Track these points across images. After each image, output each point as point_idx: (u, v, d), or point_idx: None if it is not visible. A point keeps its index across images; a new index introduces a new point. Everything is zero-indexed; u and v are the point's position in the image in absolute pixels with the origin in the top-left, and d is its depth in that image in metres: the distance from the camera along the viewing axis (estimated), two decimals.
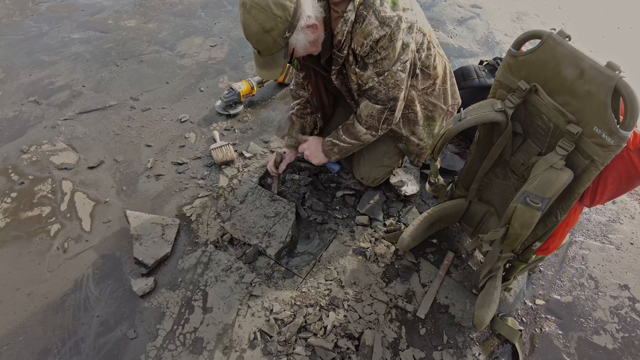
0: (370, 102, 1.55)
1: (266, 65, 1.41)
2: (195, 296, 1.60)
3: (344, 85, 1.61)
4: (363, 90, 1.54)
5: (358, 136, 1.65)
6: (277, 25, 1.27)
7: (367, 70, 1.46)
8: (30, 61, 2.81)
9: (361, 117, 1.60)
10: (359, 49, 1.41)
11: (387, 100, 1.52)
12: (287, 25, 1.28)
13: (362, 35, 1.36)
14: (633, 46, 3.30)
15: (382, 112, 1.56)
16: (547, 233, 1.35)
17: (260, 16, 1.25)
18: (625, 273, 1.79)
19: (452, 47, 3.14)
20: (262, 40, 1.31)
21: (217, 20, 3.30)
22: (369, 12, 1.34)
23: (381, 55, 1.41)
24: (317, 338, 1.48)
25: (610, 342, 1.57)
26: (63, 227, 1.84)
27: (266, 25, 1.27)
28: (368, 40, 1.37)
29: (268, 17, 1.25)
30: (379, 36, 1.35)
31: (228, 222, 1.82)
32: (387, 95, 1.51)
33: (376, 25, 1.34)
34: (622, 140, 1.03)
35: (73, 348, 1.47)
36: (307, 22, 1.34)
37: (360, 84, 1.52)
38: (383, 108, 1.55)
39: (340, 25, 1.38)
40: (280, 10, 1.26)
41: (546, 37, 1.17)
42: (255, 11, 1.25)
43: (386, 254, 1.77)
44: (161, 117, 2.41)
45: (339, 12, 1.37)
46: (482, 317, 1.40)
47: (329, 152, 1.74)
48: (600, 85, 1.04)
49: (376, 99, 1.53)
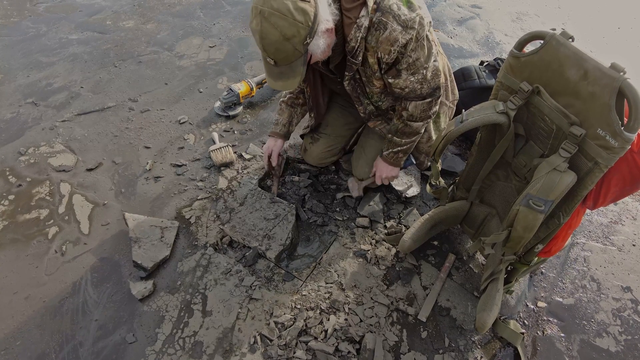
0: (419, 101, 1.54)
1: (283, 75, 1.32)
2: (195, 299, 1.59)
3: (355, 90, 1.60)
4: (404, 95, 1.53)
5: (417, 131, 1.65)
6: (299, 31, 1.20)
7: (402, 76, 1.45)
8: (28, 62, 2.79)
9: (414, 116, 1.59)
10: (386, 57, 1.38)
11: (433, 91, 1.53)
12: (308, 30, 1.22)
13: (388, 43, 1.34)
14: (634, 46, 3.29)
15: (431, 102, 1.56)
16: (549, 235, 1.34)
17: (281, 23, 1.18)
18: (628, 275, 1.78)
19: (452, 47, 3.13)
20: (281, 49, 1.23)
21: (216, 20, 3.29)
22: (388, 18, 1.31)
23: (412, 57, 1.39)
24: (318, 342, 1.47)
25: (613, 344, 1.56)
26: (61, 229, 1.82)
27: (287, 33, 1.19)
28: (395, 47, 1.34)
29: (289, 24, 1.18)
30: (406, 40, 1.33)
31: (227, 225, 1.81)
32: (430, 86, 1.51)
33: (400, 31, 1.31)
34: (627, 143, 1.02)
35: (71, 352, 1.45)
36: (326, 25, 1.29)
37: (398, 91, 1.51)
38: (431, 100, 1.55)
39: (354, 31, 1.34)
40: (302, 16, 1.19)
41: (549, 38, 1.15)
42: (275, 18, 1.17)
43: (387, 257, 1.76)
44: (160, 118, 2.39)
45: (352, 18, 1.33)
46: (484, 319, 1.39)
47: (399, 160, 1.74)
48: (604, 86, 1.03)
49: (422, 96, 1.52)
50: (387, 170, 1.77)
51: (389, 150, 1.71)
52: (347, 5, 1.34)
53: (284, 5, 1.18)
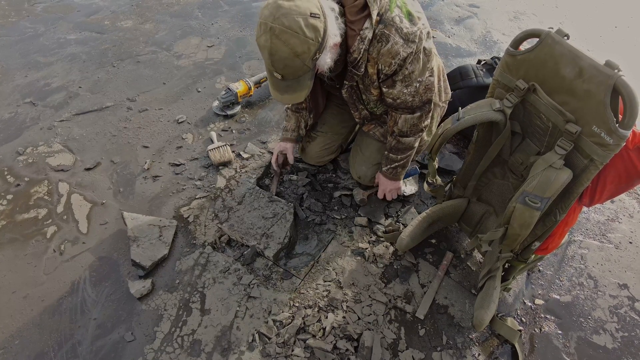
0: (408, 115, 1.56)
1: (289, 89, 1.32)
2: (193, 298, 1.59)
3: (351, 96, 1.62)
4: (395, 106, 1.55)
5: (410, 146, 1.68)
6: (310, 48, 1.21)
7: (396, 87, 1.47)
8: (26, 62, 2.79)
9: (404, 131, 1.61)
10: (386, 69, 1.40)
11: (423, 105, 1.55)
12: (318, 46, 1.22)
13: (389, 56, 1.35)
14: (630, 45, 3.30)
15: (421, 117, 1.58)
16: (546, 233, 1.34)
17: (292, 41, 1.18)
18: (625, 272, 1.79)
19: (450, 46, 3.13)
20: (290, 65, 1.23)
21: (214, 20, 3.29)
22: (391, 31, 1.32)
23: (409, 70, 1.41)
24: (316, 339, 1.47)
25: (609, 341, 1.57)
26: (59, 229, 1.82)
27: (298, 50, 1.19)
28: (396, 60, 1.36)
29: (301, 41, 1.18)
30: (407, 54, 1.35)
31: (226, 224, 1.81)
32: (422, 100, 1.53)
33: (402, 44, 1.33)
34: (621, 140, 1.03)
35: (70, 351, 1.45)
36: (334, 40, 1.30)
37: (389, 100, 1.53)
38: (421, 114, 1.57)
39: (357, 43, 1.35)
40: (313, 32, 1.19)
41: (544, 36, 1.16)
42: (286, 36, 1.17)
43: (385, 255, 1.77)
44: (158, 118, 2.40)
45: (356, 31, 1.34)
46: (482, 317, 1.40)
47: (398, 175, 1.77)
48: (599, 84, 1.03)
49: (412, 108, 1.54)
50: (389, 184, 1.81)
51: (388, 167, 1.75)
52: (352, 18, 1.34)
53: (296, 23, 1.16)
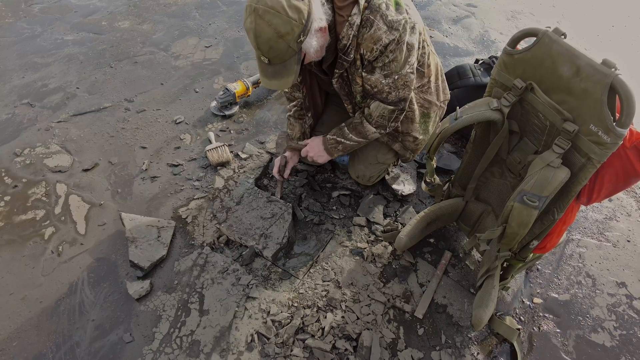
0: (382, 104, 1.56)
1: (276, 74, 1.33)
2: (192, 299, 1.59)
3: (343, 88, 1.61)
4: (372, 94, 1.54)
5: (366, 135, 1.66)
6: (293, 29, 1.22)
7: (375, 74, 1.46)
8: (23, 63, 2.78)
9: (372, 117, 1.60)
10: (368, 54, 1.40)
11: (398, 101, 1.54)
12: (302, 28, 1.24)
13: (371, 40, 1.35)
14: (627, 44, 3.31)
15: (393, 112, 1.58)
16: (544, 232, 1.35)
17: (275, 20, 1.19)
18: (622, 270, 1.79)
19: (448, 46, 3.14)
20: (275, 47, 1.24)
21: (211, 20, 3.29)
22: (375, 17, 1.32)
23: (389, 58, 1.41)
24: (315, 339, 1.47)
25: (608, 339, 1.57)
26: (57, 230, 1.82)
27: (281, 30, 1.21)
28: (378, 46, 1.36)
29: (283, 21, 1.20)
30: (389, 41, 1.35)
31: (224, 224, 1.81)
32: (398, 96, 1.52)
33: (385, 30, 1.33)
34: (619, 138, 1.03)
35: (68, 353, 1.45)
36: (320, 24, 1.30)
37: (367, 87, 1.52)
38: (394, 108, 1.57)
39: (346, 29, 1.36)
40: (296, 13, 1.21)
41: (542, 35, 1.16)
42: (269, 16, 1.19)
43: (383, 254, 1.77)
44: (156, 118, 2.39)
45: (344, 16, 1.35)
46: (480, 316, 1.40)
47: (332, 150, 1.74)
48: (596, 82, 1.04)
49: (387, 101, 1.54)
50: (318, 151, 1.75)
51: (334, 137, 1.70)
52: (340, 4, 1.36)
53: (278, 3, 1.19)
